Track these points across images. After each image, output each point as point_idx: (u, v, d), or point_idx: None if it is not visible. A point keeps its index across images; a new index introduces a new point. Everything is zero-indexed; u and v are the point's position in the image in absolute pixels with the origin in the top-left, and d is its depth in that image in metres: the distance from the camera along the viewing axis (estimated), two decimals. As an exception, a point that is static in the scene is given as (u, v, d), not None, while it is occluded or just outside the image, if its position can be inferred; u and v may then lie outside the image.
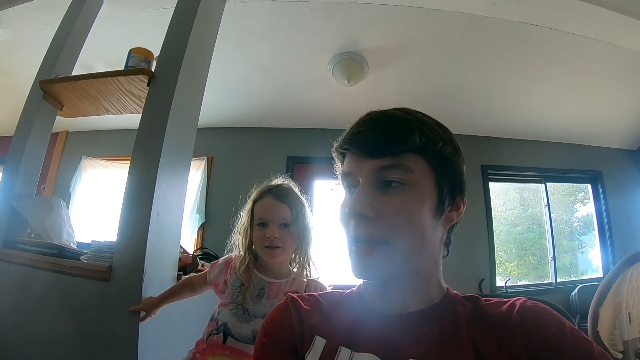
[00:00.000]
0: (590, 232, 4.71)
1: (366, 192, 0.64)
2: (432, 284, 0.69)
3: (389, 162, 0.64)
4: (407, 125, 0.65)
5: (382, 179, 0.64)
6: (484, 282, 4.01)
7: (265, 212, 1.33)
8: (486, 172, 4.46)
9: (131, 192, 1.75)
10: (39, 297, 1.80)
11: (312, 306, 0.75)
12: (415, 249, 0.64)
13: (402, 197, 0.63)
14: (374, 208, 0.63)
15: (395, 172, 0.64)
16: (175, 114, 1.83)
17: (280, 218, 1.32)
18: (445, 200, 0.67)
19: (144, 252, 1.60)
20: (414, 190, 0.64)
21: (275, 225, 1.31)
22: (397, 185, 0.64)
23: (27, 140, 2.13)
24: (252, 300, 1.29)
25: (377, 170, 0.64)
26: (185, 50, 1.93)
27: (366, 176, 0.65)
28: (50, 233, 2.03)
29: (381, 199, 0.64)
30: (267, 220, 1.31)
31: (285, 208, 1.33)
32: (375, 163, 0.64)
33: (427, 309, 0.68)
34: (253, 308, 1.28)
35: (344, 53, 3.28)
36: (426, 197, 0.65)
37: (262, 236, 1.30)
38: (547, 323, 0.61)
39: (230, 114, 4.28)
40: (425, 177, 0.65)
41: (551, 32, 2.77)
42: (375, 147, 0.65)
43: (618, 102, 3.98)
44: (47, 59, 2.29)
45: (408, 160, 0.64)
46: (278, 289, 1.31)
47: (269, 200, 1.34)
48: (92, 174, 4.56)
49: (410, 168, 0.64)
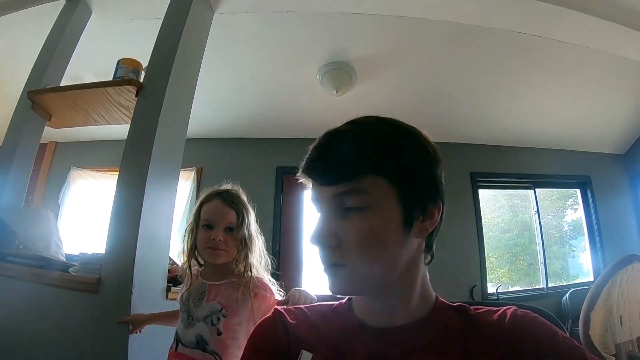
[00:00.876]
0: (580, 236, 4.74)
1: (327, 220, 0.64)
2: (415, 296, 0.68)
3: (344, 188, 0.62)
4: (359, 146, 0.63)
5: (341, 205, 0.63)
6: (476, 289, 4.01)
7: (212, 214, 1.35)
8: (475, 179, 4.48)
9: (120, 204, 1.74)
10: (26, 309, 1.78)
11: (299, 319, 0.73)
12: (381, 266, 0.63)
13: (362, 222, 0.62)
14: (335, 236, 0.63)
15: (352, 197, 0.62)
16: (164, 124, 1.83)
17: (226, 221, 1.34)
18: (413, 213, 0.64)
19: (132, 263, 1.59)
20: (374, 211, 0.62)
21: (221, 228, 1.33)
22: (357, 209, 0.62)
23: (16, 151, 2.11)
24: (194, 304, 1.31)
25: (334, 197, 0.63)
26: (173, 61, 1.93)
27: (325, 203, 0.65)
28: (38, 245, 2.00)
29: (342, 226, 0.63)
30: (213, 222, 1.34)
31: (232, 212, 1.36)
32: (331, 190, 0.63)
33: (415, 321, 0.67)
34: (195, 312, 1.30)
35: (332, 63, 3.29)
36: (389, 215, 0.62)
37: (206, 237, 1.32)
38: (539, 332, 0.61)
39: (219, 125, 4.27)
40: (385, 196, 0.62)
41: (538, 39, 2.81)
42: (326, 176, 0.64)
43: (605, 107, 4.03)
44: (36, 69, 2.28)
45: (364, 183, 0.62)
46: (217, 291, 1.32)
47: (217, 203, 1.36)
48: (81, 185, 4.51)
49: (366, 190, 0.62)
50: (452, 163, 4.39)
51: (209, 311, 1.28)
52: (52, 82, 2.23)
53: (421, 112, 3.96)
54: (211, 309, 1.29)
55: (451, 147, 4.50)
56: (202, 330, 1.26)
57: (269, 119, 4.17)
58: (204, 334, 1.25)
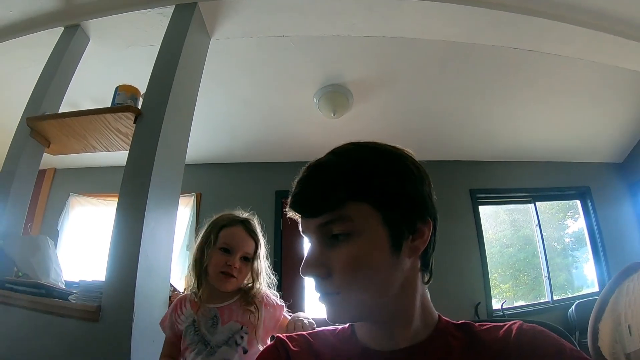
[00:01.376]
0: (583, 247, 4.73)
1: (315, 250, 0.65)
2: (416, 317, 0.68)
3: (328, 217, 0.63)
4: (338, 175, 0.65)
5: (327, 234, 0.65)
6: (480, 306, 3.98)
7: (233, 239, 1.33)
8: (475, 196, 4.50)
9: (119, 230, 1.73)
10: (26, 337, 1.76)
11: (301, 347, 0.73)
12: (374, 291, 0.63)
13: (349, 249, 0.63)
14: (325, 265, 0.64)
15: (336, 226, 0.63)
16: (163, 150, 1.83)
17: (244, 250, 1.34)
18: (401, 234, 0.64)
19: (133, 291, 1.58)
20: (361, 237, 0.63)
21: (239, 256, 1.32)
22: (343, 237, 0.63)
23: (14, 178, 2.10)
24: (208, 331, 1.27)
25: (319, 228, 0.65)
26: (171, 87, 1.95)
27: (313, 234, 0.66)
28: (37, 272, 1.98)
29: (329, 255, 0.64)
30: (232, 248, 1.32)
31: (252, 242, 1.36)
32: (316, 221, 0.65)
33: (419, 343, 0.66)
34: (212, 339, 1.25)
35: (328, 86, 3.32)
36: (376, 240, 0.63)
37: (222, 262, 1.30)
38: (545, 346, 0.60)
39: (217, 150, 4.30)
40: (370, 221, 0.63)
41: (530, 53, 2.83)
42: (310, 208, 0.65)
43: (601, 117, 4.06)
44: (34, 96, 2.29)
45: (347, 211, 0.63)
46: (229, 311, 1.30)
47: (240, 230, 1.36)
48: (80, 212, 4.50)
49: (350, 217, 0.63)
50: (451, 181, 4.41)
51: (230, 332, 1.26)
52: (50, 109, 2.24)
53: (418, 131, 4.00)
54: (231, 329, 1.27)
55: (449, 165, 4.52)
56: (228, 354, 1.23)
57: (266, 143, 4.20)
58: (231, 357, 1.23)
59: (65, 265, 2.22)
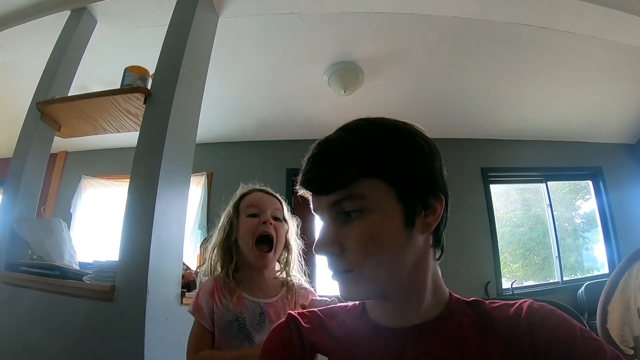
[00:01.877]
0: (594, 228, 4.69)
1: (329, 228, 0.64)
2: (427, 294, 0.68)
3: (340, 195, 0.62)
4: (349, 152, 0.64)
5: (340, 211, 0.64)
6: (490, 285, 3.98)
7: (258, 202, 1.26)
8: (486, 175, 4.46)
9: (131, 211, 1.74)
10: (42, 318, 1.79)
11: (313, 323, 0.73)
12: (387, 268, 0.63)
13: (362, 225, 0.62)
14: (339, 243, 0.63)
15: (349, 203, 0.62)
16: (173, 130, 1.83)
17: (273, 208, 1.26)
18: (414, 210, 0.64)
19: (146, 270, 1.59)
20: (374, 213, 0.62)
21: (269, 214, 1.24)
22: (356, 213, 0.62)
23: (26, 162, 2.13)
24: (255, 330, 1.18)
25: (332, 205, 0.64)
26: (180, 67, 1.94)
27: (325, 212, 0.65)
28: (51, 254, 2.02)
29: (343, 231, 0.63)
30: (260, 208, 1.24)
31: (277, 202, 1.29)
32: (328, 199, 0.64)
33: (430, 320, 0.66)
34: (259, 337, 1.17)
35: (338, 63, 3.28)
36: (389, 216, 0.62)
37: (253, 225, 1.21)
38: (556, 324, 0.60)
39: (228, 129, 4.29)
40: (383, 197, 0.63)
41: (543, 31, 2.78)
42: (322, 186, 0.64)
43: (614, 97, 3.98)
44: (43, 80, 2.30)
45: (359, 187, 0.62)
46: (275, 309, 1.23)
47: (260, 194, 1.29)
48: (92, 194, 4.55)
49: (362, 194, 0.62)
50: (463, 159, 4.37)
51: None
52: (60, 93, 2.25)
53: (429, 109, 3.96)
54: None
55: (461, 143, 4.48)
56: None
57: (277, 121, 4.18)
58: None
59: (79, 247, 2.26)
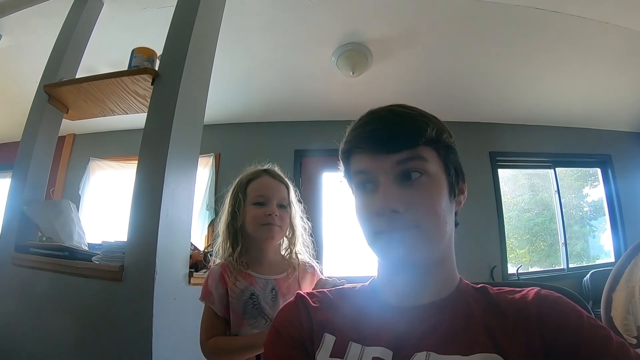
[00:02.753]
0: (601, 216, 4.67)
1: (392, 187, 0.65)
2: (447, 272, 0.70)
3: (408, 155, 0.65)
4: (416, 119, 0.68)
5: (402, 172, 0.66)
6: (496, 270, 3.99)
7: (264, 189, 1.28)
8: (495, 159, 4.43)
9: (140, 191, 1.75)
10: (52, 299, 1.82)
11: (321, 303, 0.74)
12: (440, 231, 0.66)
13: (424, 187, 0.65)
14: (404, 202, 0.64)
15: (414, 163, 0.65)
16: (181, 111, 1.83)
17: (279, 197, 1.28)
18: (454, 186, 0.70)
19: (154, 250, 1.60)
20: (432, 179, 0.66)
21: (275, 204, 1.26)
22: (418, 176, 0.66)
23: (35, 145, 2.14)
24: (268, 305, 1.21)
25: (397, 165, 0.65)
26: (188, 47, 1.92)
27: (387, 172, 0.66)
28: (61, 236, 2.04)
29: (407, 192, 0.65)
30: (266, 198, 1.26)
31: (283, 188, 1.31)
32: (395, 157, 0.65)
33: (440, 300, 0.67)
34: (273, 312, 1.18)
35: (347, 44, 3.25)
36: (441, 184, 0.67)
37: (259, 214, 1.24)
38: (562, 311, 0.60)
39: (235, 110, 4.28)
40: (438, 166, 0.68)
41: (555, 15, 2.73)
42: (392, 143, 0.66)
43: (625, 85, 3.92)
44: (51, 63, 2.30)
45: (423, 152, 0.66)
46: (286, 284, 1.25)
47: (267, 179, 1.30)
48: (101, 176, 4.58)
49: (426, 158, 0.66)
50: (471, 143, 4.34)
51: None
52: (67, 75, 2.25)
53: (438, 92, 3.93)
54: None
55: (470, 127, 4.45)
56: None
57: (285, 102, 4.17)
58: None
59: (88, 229, 2.28)
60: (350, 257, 3.85)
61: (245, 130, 4.50)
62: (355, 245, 0.88)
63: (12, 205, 2.09)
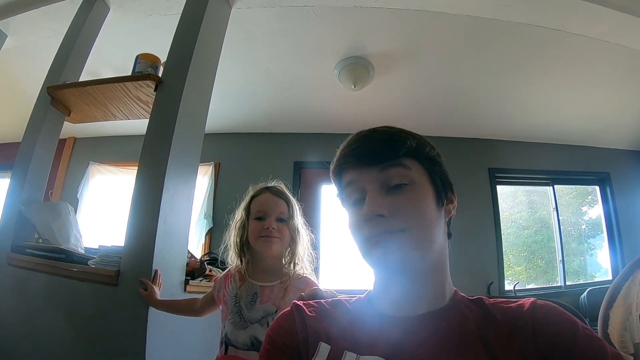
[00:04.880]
0: (599, 234, 4.66)
1: (377, 194, 0.67)
2: (440, 282, 0.70)
3: (390, 164, 0.68)
4: (397, 134, 0.72)
5: (387, 182, 0.68)
6: (493, 286, 3.98)
7: (264, 205, 1.37)
8: (493, 175, 4.44)
9: (139, 197, 1.76)
10: (47, 301, 1.81)
11: (317, 312, 0.75)
12: (428, 236, 0.67)
13: (408, 194, 0.67)
14: (388, 207, 0.66)
15: (397, 171, 0.68)
16: (183, 119, 1.84)
17: (277, 212, 1.37)
18: (441, 195, 0.72)
19: (151, 256, 1.61)
20: (417, 186, 0.69)
21: (273, 218, 1.35)
22: (403, 183, 0.68)
23: (35, 146, 2.14)
24: (246, 307, 1.32)
25: (381, 173, 0.68)
26: (192, 56, 1.94)
27: (372, 182, 0.68)
28: (57, 238, 2.03)
29: (392, 198, 0.67)
30: (265, 213, 1.36)
31: (283, 203, 1.39)
32: (377, 169, 0.69)
33: (435, 311, 0.68)
34: (248, 314, 1.30)
35: (349, 57, 3.28)
36: (427, 193, 0.69)
37: (259, 227, 1.34)
38: (559, 321, 0.60)
39: (237, 120, 4.30)
40: (422, 176, 0.70)
41: (556, 33, 2.75)
42: (375, 156, 0.69)
43: (625, 103, 3.94)
44: (55, 65, 2.31)
45: (405, 162, 0.69)
46: (270, 293, 1.33)
47: (267, 195, 1.39)
48: (100, 180, 4.57)
49: (409, 167, 0.69)
50: (470, 158, 4.36)
51: (264, 313, 1.29)
52: (71, 78, 2.26)
53: (438, 107, 3.95)
54: (266, 310, 1.30)
55: (469, 143, 4.46)
56: (257, 332, 1.26)
57: (286, 114, 4.18)
58: (259, 336, 1.26)
59: (85, 232, 2.27)
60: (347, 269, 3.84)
61: (245, 140, 4.51)
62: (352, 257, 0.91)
63: (10, 205, 2.08)
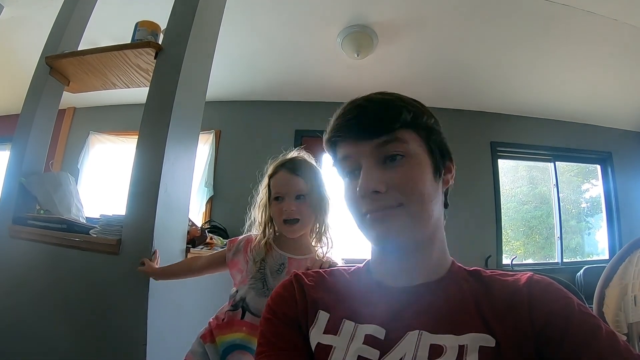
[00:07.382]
0: (598, 214, 4.69)
1: (373, 170, 0.67)
2: (436, 254, 0.71)
3: (386, 138, 0.67)
4: (393, 105, 0.70)
5: (382, 155, 0.67)
6: (490, 260, 4.02)
7: (280, 186, 1.34)
8: (495, 149, 4.43)
9: (139, 166, 1.75)
10: (49, 271, 1.83)
11: (316, 282, 0.76)
12: (425, 210, 0.67)
13: (405, 167, 0.67)
14: (384, 182, 0.65)
15: (393, 145, 0.67)
16: (183, 86, 1.82)
17: (294, 190, 1.33)
18: (438, 165, 0.71)
19: (152, 225, 1.61)
20: (414, 159, 0.68)
21: (291, 198, 1.32)
22: (399, 157, 0.67)
23: (35, 117, 2.12)
24: (271, 275, 1.31)
25: (376, 148, 0.67)
26: (192, 22, 1.90)
27: (368, 156, 0.68)
28: (59, 208, 2.04)
29: (387, 174, 0.66)
30: (283, 193, 1.33)
31: (299, 180, 1.34)
32: (374, 142, 0.67)
33: (433, 281, 0.69)
34: (272, 283, 1.29)
35: (353, 26, 3.24)
36: (424, 165, 0.69)
37: (279, 210, 1.32)
38: (554, 297, 0.61)
39: (238, 88, 4.26)
40: (418, 147, 0.69)
41: (563, 8, 2.71)
42: (370, 128, 0.68)
43: (631, 84, 3.91)
44: (53, 34, 2.27)
45: (402, 134, 0.68)
46: (298, 265, 1.31)
47: (283, 174, 1.35)
48: (100, 149, 4.58)
49: (405, 140, 0.68)
50: (473, 131, 4.34)
51: None
52: (69, 47, 2.22)
53: (442, 79, 3.92)
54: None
55: (472, 115, 4.44)
56: None
57: (288, 82, 4.16)
58: None
59: (86, 202, 2.28)
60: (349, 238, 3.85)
61: (246, 108, 4.48)
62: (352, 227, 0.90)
63: (10, 177, 2.08)
